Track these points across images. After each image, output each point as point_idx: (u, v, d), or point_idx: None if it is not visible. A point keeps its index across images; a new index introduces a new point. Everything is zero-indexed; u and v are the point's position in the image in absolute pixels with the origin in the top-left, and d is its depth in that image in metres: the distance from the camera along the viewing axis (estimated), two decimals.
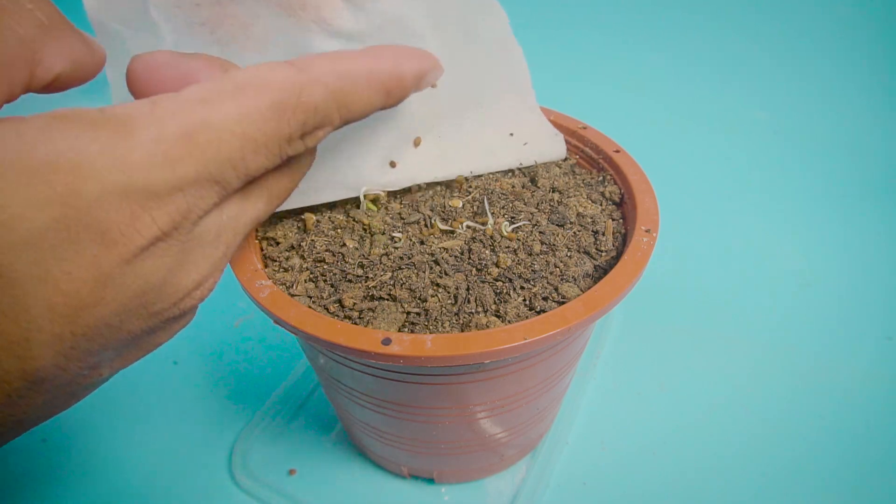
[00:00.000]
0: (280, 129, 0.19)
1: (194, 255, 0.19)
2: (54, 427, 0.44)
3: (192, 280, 0.19)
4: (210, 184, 0.18)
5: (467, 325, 0.27)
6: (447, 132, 0.33)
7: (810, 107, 0.78)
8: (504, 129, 0.35)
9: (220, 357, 0.50)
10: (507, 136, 0.35)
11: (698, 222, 0.62)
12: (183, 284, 0.19)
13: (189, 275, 0.19)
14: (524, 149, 0.36)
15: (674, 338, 0.50)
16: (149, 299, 0.18)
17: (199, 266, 0.19)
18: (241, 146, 0.18)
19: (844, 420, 0.43)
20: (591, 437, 0.43)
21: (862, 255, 0.57)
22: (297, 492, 0.40)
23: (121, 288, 0.17)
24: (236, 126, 0.18)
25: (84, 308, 0.16)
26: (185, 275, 0.19)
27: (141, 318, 0.18)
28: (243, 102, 0.18)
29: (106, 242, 0.16)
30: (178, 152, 0.16)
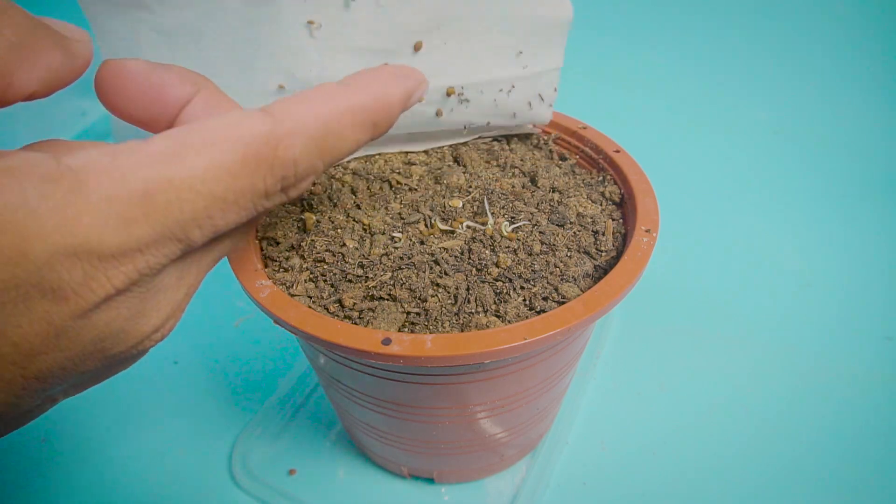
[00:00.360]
0: (255, 187, 0.17)
1: (154, 302, 0.18)
2: (54, 427, 0.44)
3: (152, 325, 0.18)
4: (171, 242, 0.16)
5: (467, 325, 0.27)
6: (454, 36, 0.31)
7: (810, 107, 0.77)
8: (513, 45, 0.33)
9: (220, 357, 0.50)
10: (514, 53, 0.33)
11: (698, 222, 0.62)
12: (142, 330, 0.18)
13: (149, 321, 0.18)
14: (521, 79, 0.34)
15: (674, 338, 0.50)
16: (106, 345, 0.17)
17: (159, 311, 0.18)
18: (207, 206, 0.16)
19: (844, 420, 0.43)
20: (591, 437, 0.43)
21: (862, 255, 0.57)
22: (297, 492, 0.40)
23: (75, 339, 0.16)
24: (201, 185, 0.16)
25: (35, 356, 0.16)
26: (146, 321, 0.18)
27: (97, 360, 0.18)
28: (209, 159, 0.16)
29: (57, 299, 0.15)
30: (135, 213, 0.15)
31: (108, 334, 0.17)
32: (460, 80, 0.33)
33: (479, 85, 0.33)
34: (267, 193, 0.18)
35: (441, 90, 0.33)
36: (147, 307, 0.18)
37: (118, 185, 0.15)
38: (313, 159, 0.19)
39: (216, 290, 0.55)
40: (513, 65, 0.34)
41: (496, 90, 0.34)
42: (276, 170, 0.18)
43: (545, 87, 0.35)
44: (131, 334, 0.18)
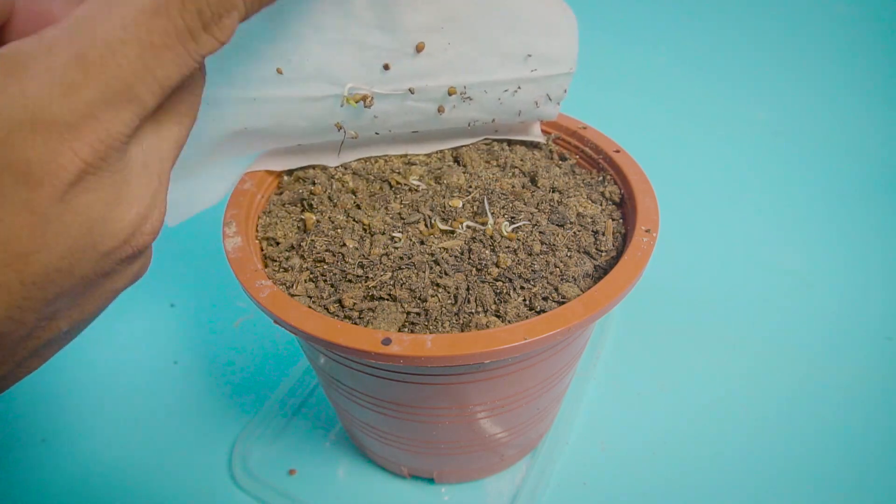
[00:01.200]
0: (175, 24, 0.17)
1: (130, 187, 0.18)
2: (54, 427, 0.45)
3: (136, 213, 0.19)
4: (122, 103, 0.17)
5: (467, 325, 0.27)
6: (459, 38, 0.32)
7: (810, 107, 0.77)
8: (521, 49, 0.33)
9: (220, 357, 0.50)
10: (521, 57, 0.33)
11: (698, 222, 0.62)
12: (127, 218, 0.18)
13: (131, 207, 0.18)
14: (528, 81, 0.33)
15: (673, 338, 0.50)
16: (96, 238, 0.17)
17: (139, 197, 0.19)
18: (139, 54, 0.17)
19: (844, 420, 0.43)
20: (591, 437, 0.43)
21: (862, 255, 0.57)
22: (297, 492, 0.40)
23: (61, 228, 0.16)
24: (123, 33, 0.16)
25: (28, 254, 0.16)
26: (127, 207, 0.18)
27: (91, 259, 0.18)
28: (122, 7, 0.17)
29: (31, 183, 0.15)
30: (75, 76, 0.16)
31: (93, 221, 0.17)
32: (463, 81, 0.33)
33: (484, 85, 0.33)
34: (190, 31, 0.18)
35: (443, 89, 0.33)
36: (123, 191, 0.18)
37: (51, 56, 0.16)
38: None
39: (216, 290, 0.55)
40: (520, 68, 0.33)
41: (501, 90, 0.34)
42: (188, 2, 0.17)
43: (555, 89, 0.35)
44: (118, 222, 0.18)
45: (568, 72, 0.34)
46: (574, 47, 0.33)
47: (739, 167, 0.69)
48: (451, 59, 0.32)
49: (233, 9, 0.19)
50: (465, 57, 0.32)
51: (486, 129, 0.38)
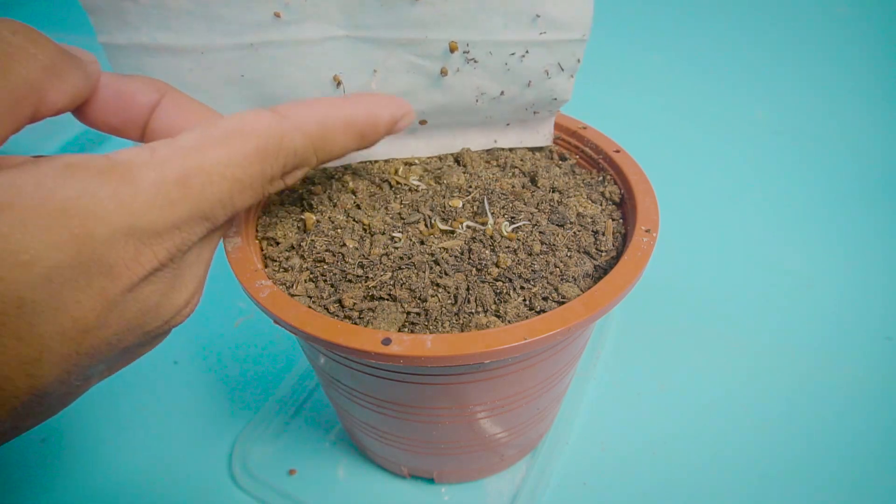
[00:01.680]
0: (264, 172, 0.21)
1: (183, 278, 0.21)
2: (54, 427, 0.44)
3: (183, 299, 0.21)
4: (202, 220, 0.20)
5: (467, 325, 0.27)
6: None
7: (810, 107, 0.78)
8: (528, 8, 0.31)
9: (220, 357, 0.50)
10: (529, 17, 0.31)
11: (698, 222, 0.62)
12: (175, 304, 0.21)
13: (180, 295, 0.21)
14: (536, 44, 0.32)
15: (673, 338, 0.50)
16: (146, 320, 0.20)
17: (188, 286, 0.21)
18: (230, 188, 0.20)
19: (844, 420, 0.43)
20: (591, 437, 0.43)
21: (862, 255, 0.57)
22: (297, 492, 0.40)
23: (123, 312, 0.19)
24: (226, 170, 0.20)
25: (90, 331, 0.18)
26: (178, 295, 0.21)
27: (136, 335, 0.20)
28: (232, 149, 0.20)
29: (112, 275, 0.18)
30: (176, 195, 0.18)
31: (148, 308, 0.20)
32: (465, 37, 0.31)
33: (488, 44, 0.31)
34: (272, 178, 0.22)
35: (443, 44, 0.31)
36: (178, 282, 0.21)
37: (160, 172, 0.18)
38: (308, 153, 0.23)
39: (216, 290, 0.55)
40: (527, 29, 0.32)
41: (507, 53, 0.32)
42: (280, 158, 0.21)
43: (567, 57, 0.32)
44: (166, 308, 0.21)
45: (580, 38, 0.32)
46: (588, 12, 0.32)
47: (739, 167, 0.69)
48: (451, 11, 0.31)
49: (307, 165, 0.23)
50: (466, 10, 0.31)
51: (496, 114, 0.36)
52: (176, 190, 0.18)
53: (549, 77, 0.33)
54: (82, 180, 0.17)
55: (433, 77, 0.32)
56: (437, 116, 0.35)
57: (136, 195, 0.18)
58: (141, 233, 0.18)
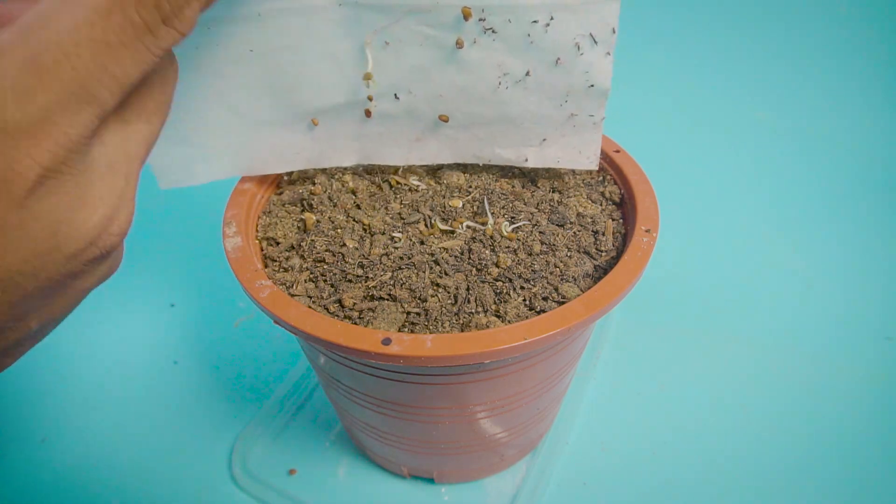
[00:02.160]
0: (131, 20, 0.17)
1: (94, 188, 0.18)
2: (54, 427, 0.45)
3: (101, 214, 0.18)
4: (79, 105, 0.16)
5: (467, 325, 0.27)
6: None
7: (810, 107, 0.77)
8: None
9: (220, 357, 0.50)
10: None
11: (698, 222, 0.62)
12: (92, 220, 0.18)
13: (96, 208, 0.18)
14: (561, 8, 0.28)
15: (674, 338, 0.50)
16: (60, 241, 0.17)
17: (104, 198, 0.18)
18: (93, 54, 0.16)
19: (844, 420, 0.43)
20: (591, 437, 0.43)
21: (862, 255, 0.57)
22: (297, 492, 0.40)
23: (22, 233, 0.16)
24: (77, 34, 0.16)
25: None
26: (92, 209, 0.18)
27: (57, 262, 0.17)
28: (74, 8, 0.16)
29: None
30: (29, 81, 0.15)
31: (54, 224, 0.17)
32: (480, 1, 0.27)
33: (505, 9, 0.28)
34: (148, 26, 0.17)
35: (456, 9, 0.27)
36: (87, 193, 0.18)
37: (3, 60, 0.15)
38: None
39: (216, 290, 0.55)
40: None
41: (529, 20, 0.28)
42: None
43: (597, 24, 0.28)
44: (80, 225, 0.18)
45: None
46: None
47: (739, 167, 0.69)
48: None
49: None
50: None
51: (525, 113, 0.31)
52: (27, 75, 0.15)
53: (580, 52, 0.29)
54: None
55: (448, 50, 0.29)
56: (458, 107, 0.31)
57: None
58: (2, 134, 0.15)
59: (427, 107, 0.31)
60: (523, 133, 0.32)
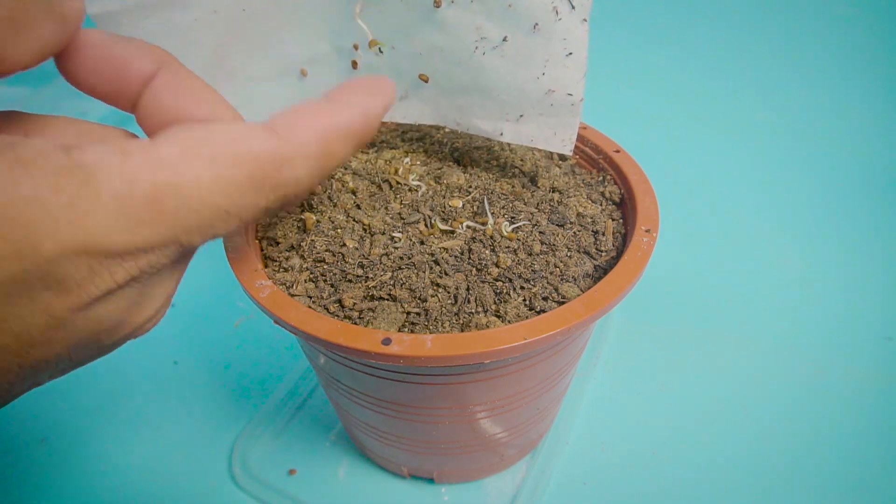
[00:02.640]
0: (257, 203, 0.18)
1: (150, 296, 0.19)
2: (54, 427, 0.44)
3: (146, 316, 0.19)
4: (175, 245, 0.17)
5: (467, 325, 0.27)
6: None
7: (810, 107, 0.78)
8: None
9: (220, 357, 0.50)
10: None
11: (698, 222, 0.62)
12: (138, 321, 0.19)
13: (144, 312, 0.19)
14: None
15: (674, 338, 0.50)
16: (102, 336, 0.18)
17: (154, 302, 0.19)
18: (211, 216, 0.17)
19: (844, 420, 0.43)
20: (591, 437, 0.43)
21: (862, 255, 0.57)
22: (297, 492, 0.40)
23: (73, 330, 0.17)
24: (208, 196, 0.16)
25: (33, 346, 0.16)
26: (141, 312, 0.19)
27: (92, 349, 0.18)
28: (219, 172, 0.17)
29: (60, 292, 0.15)
30: (144, 216, 0.16)
31: (105, 326, 0.17)
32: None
33: None
34: (268, 208, 0.19)
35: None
36: (144, 300, 0.18)
37: (128, 185, 0.15)
38: (314, 178, 0.19)
39: (216, 290, 0.55)
40: None
41: None
42: (280, 189, 0.18)
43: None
44: (127, 325, 0.18)
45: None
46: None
47: (739, 167, 0.69)
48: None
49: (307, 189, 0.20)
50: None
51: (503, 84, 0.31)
52: (144, 209, 0.16)
53: (558, 17, 0.28)
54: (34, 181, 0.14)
55: (427, 9, 0.29)
56: (437, 67, 0.31)
57: (94, 209, 0.15)
58: (98, 252, 0.15)
59: (409, 64, 0.31)
60: (501, 106, 0.32)
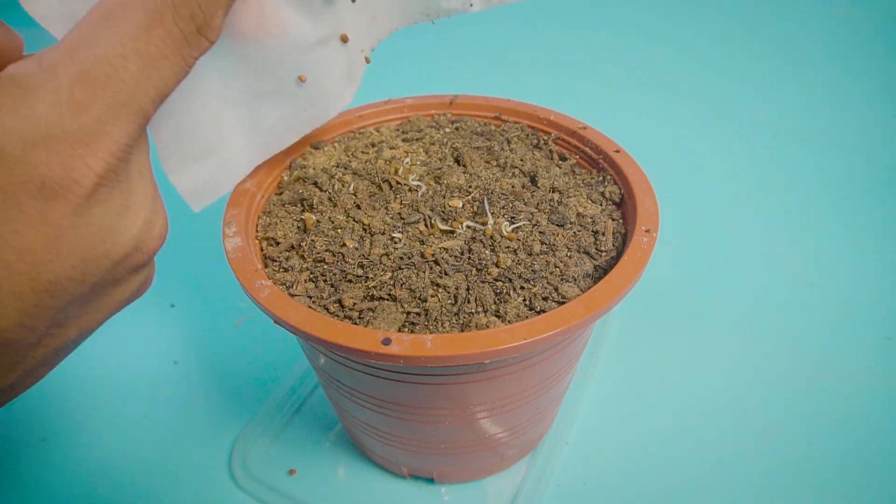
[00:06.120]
0: (170, 33, 0.18)
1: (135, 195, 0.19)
2: (54, 427, 0.44)
3: (143, 219, 0.19)
4: (128, 115, 0.17)
5: (467, 325, 0.27)
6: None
7: (811, 107, 0.78)
8: None
9: (220, 357, 0.50)
10: None
11: (698, 222, 0.62)
12: (136, 225, 0.19)
13: (138, 214, 0.19)
14: None
15: (674, 338, 0.50)
16: (108, 246, 0.18)
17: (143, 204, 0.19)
18: (140, 67, 0.17)
19: (844, 420, 0.43)
20: (591, 437, 0.43)
21: (862, 255, 0.57)
22: (297, 492, 0.40)
23: (75, 238, 0.17)
24: (123, 49, 0.17)
25: (42, 263, 0.16)
26: (135, 215, 0.19)
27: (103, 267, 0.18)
28: (119, 25, 0.17)
29: (46, 196, 0.16)
30: (83, 95, 0.16)
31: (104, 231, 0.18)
32: None
33: None
34: (185, 37, 0.19)
35: None
36: (129, 200, 0.18)
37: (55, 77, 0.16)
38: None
39: (216, 290, 0.55)
40: None
41: None
42: (182, 8, 0.18)
43: None
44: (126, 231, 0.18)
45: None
46: None
47: (739, 167, 0.69)
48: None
49: (219, 7, 0.20)
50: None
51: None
52: (79, 89, 0.16)
53: None
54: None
55: None
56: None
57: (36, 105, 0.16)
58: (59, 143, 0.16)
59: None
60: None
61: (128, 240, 0.18)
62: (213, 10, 0.19)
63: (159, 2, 0.18)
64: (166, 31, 0.18)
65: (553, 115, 0.40)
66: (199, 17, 0.19)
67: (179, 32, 0.18)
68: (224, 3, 0.20)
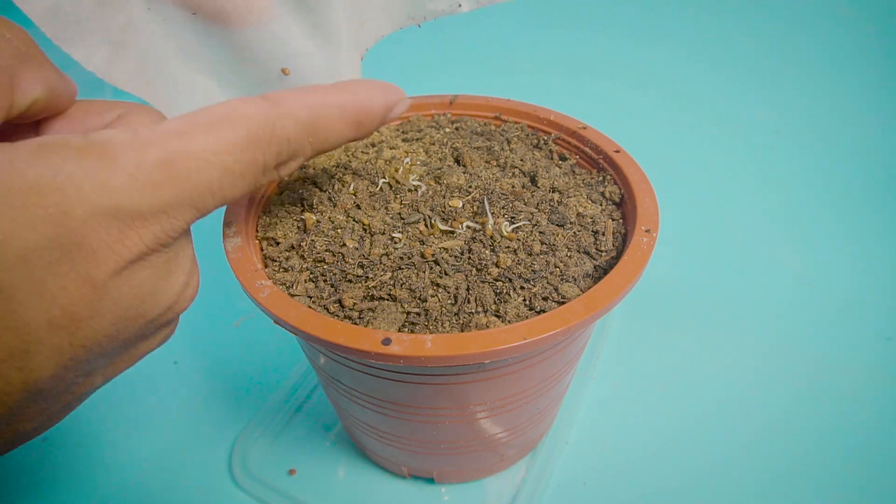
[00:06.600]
0: (255, 160, 0.20)
1: (176, 263, 0.20)
2: (54, 427, 0.44)
3: (181, 282, 0.21)
4: (190, 208, 0.19)
5: (467, 325, 0.27)
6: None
7: (811, 107, 0.78)
8: None
9: (220, 357, 0.50)
10: None
11: (698, 222, 0.62)
12: (174, 289, 0.20)
13: (178, 278, 0.20)
14: None
15: (674, 338, 0.50)
16: (146, 307, 0.19)
17: (181, 271, 0.21)
18: (220, 176, 0.19)
19: (844, 420, 0.43)
20: (591, 437, 0.43)
21: (862, 255, 0.57)
22: (297, 492, 0.40)
23: (117, 299, 0.18)
24: (214, 157, 0.19)
25: (82, 320, 0.17)
26: (175, 278, 0.20)
27: (138, 326, 0.19)
28: (219, 135, 0.19)
29: (97, 258, 0.17)
30: (160, 179, 0.18)
31: (144, 294, 0.19)
32: None
33: None
34: (265, 168, 0.21)
35: None
36: (171, 267, 0.20)
37: (142, 155, 0.17)
38: (303, 141, 0.22)
39: (216, 290, 0.55)
40: None
41: None
42: (273, 146, 0.21)
43: None
44: (163, 294, 0.20)
45: None
46: None
47: (740, 167, 0.69)
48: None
49: (302, 155, 0.22)
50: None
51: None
52: (160, 172, 0.17)
53: None
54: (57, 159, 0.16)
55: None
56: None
57: (116, 174, 0.17)
58: (123, 214, 0.17)
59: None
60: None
61: (164, 301, 0.20)
62: (296, 154, 0.22)
63: (260, 132, 0.20)
64: (253, 158, 0.20)
65: (553, 115, 0.40)
66: (283, 156, 0.21)
67: (264, 162, 0.20)
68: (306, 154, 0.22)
